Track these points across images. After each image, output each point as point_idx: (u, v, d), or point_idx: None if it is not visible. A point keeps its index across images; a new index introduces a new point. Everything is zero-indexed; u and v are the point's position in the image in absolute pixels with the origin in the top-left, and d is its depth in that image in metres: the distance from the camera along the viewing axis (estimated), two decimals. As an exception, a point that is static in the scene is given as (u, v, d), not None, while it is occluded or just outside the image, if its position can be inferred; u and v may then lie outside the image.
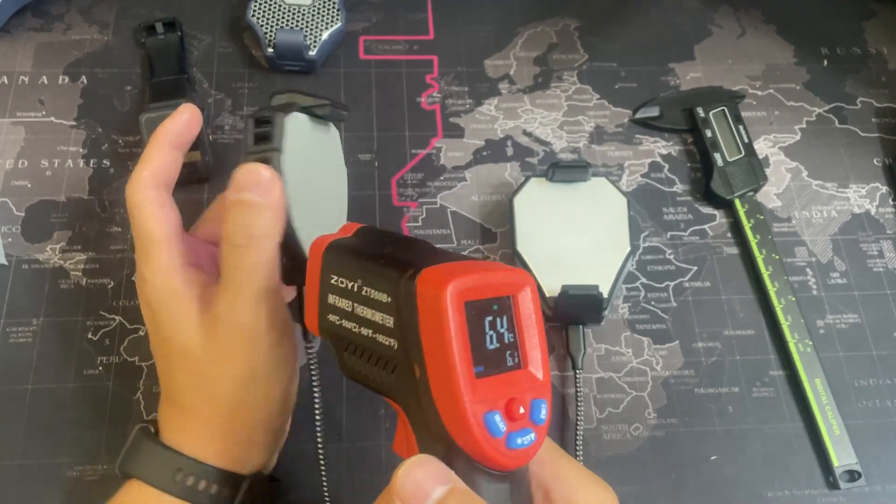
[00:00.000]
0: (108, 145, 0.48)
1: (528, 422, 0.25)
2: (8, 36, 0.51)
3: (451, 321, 0.23)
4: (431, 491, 0.24)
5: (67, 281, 0.44)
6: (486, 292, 0.25)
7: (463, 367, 0.24)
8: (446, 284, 0.24)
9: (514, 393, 0.25)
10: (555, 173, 0.45)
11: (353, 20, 0.54)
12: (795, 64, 0.55)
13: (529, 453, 0.25)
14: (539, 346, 0.26)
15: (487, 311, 0.25)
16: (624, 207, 0.45)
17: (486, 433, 0.24)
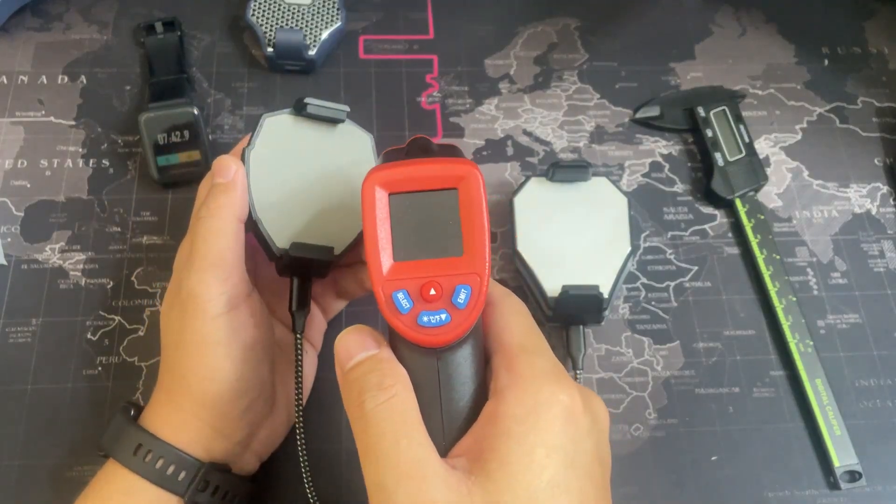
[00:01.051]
0: (108, 145, 0.48)
1: (446, 303, 0.27)
2: (7, 35, 0.51)
3: (367, 210, 0.27)
4: (356, 354, 0.28)
5: (67, 281, 0.44)
6: (422, 185, 0.27)
7: (376, 251, 0.27)
8: (370, 176, 0.27)
9: (433, 276, 0.27)
10: (555, 173, 0.45)
11: (353, 19, 0.54)
12: (796, 63, 0.55)
13: (440, 332, 0.27)
14: (478, 235, 0.27)
15: (423, 203, 0.27)
16: (624, 207, 0.45)
17: (393, 309, 0.27)
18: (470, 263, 0.27)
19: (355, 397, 0.26)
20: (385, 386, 0.26)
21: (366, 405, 0.26)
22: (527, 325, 0.29)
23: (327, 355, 0.42)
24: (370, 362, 0.27)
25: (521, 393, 0.26)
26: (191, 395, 0.33)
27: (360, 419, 0.26)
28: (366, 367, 0.27)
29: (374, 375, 0.27)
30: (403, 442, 0.25)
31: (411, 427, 0.26)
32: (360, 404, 0.26)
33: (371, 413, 0.26)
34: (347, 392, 0.27)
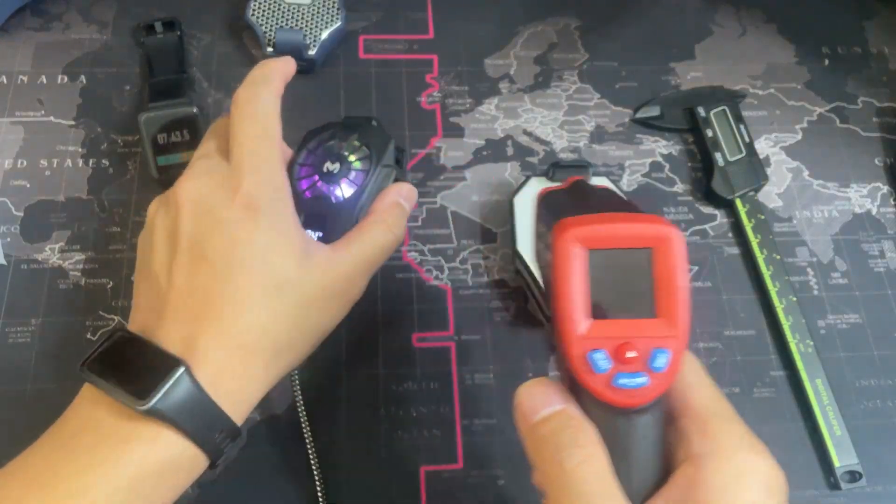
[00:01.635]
0: (108, 145, 0.48)
1: (643, 366, 0.26)
2: (7, 35, 0.51)
3: (569, 262, 0.27)
4: (540, 409, 0.27)
5: (66, 281, 0.44)
6: (620, 243, 0.27)
7: (574, 307, 0.27)
8: (568, 231, 0.27)
9: (631, 338, 0.27)
10: (555, 173, 0.45)
11: (353, 19, 0.54)
12: (796, 63, 0.55)
13: (637, 395, 0.26)
14: (674, 299, 0.27)
15: (618, 261, 0.27)
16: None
17: (588, 367, 0.26)
18: (667, 327, 0.27)
19: (551, 455, 0.26)
20: (581, 443, 0.26)
21: (565, 464, 0.26)
22: (713, 387, 0.29)
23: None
24: (561, 418, 0.27)
25: (722, 462, 0.26)
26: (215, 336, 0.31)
27: (560, 478, 0.26)
28: (556, 423, 0.27)
29: (568, 433, 0.26)
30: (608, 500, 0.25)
31: (612, 488, 0.25)
32: (559, 463, 0.26)
33: (572, 473, 0.25)
34: (540, 448, 0.27)
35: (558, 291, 0.27)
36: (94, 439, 0.30)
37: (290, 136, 0.49)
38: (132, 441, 0.29)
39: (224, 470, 0.40)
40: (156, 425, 0.29)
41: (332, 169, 0.43)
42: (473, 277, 0.46)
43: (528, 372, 0.44)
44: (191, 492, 0.39)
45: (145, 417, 0.29)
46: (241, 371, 0.31)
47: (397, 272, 0.46)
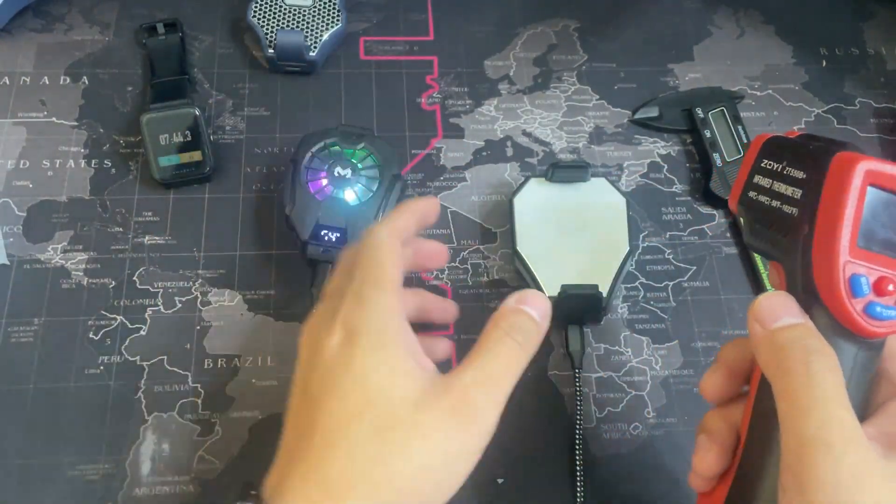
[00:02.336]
0: (110, 146, 0.48)
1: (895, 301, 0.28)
2: (9, 36, 0.51)
3: (850, 191, 0.28)
4: (782, 317, 0.28)
5: (69, 281, 0.44)
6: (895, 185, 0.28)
7: (846, 231, 0.28)
8: (858, 162, 0.28)
9: (890, 273, 0.28)
10: (554, 173, 0.45)
11: (354, 21, 0.54)
12: (794, 64, 0.55)
13: (886, 326, 0.28)
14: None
15: (891, 202, 0.28)
16: (623, 208, 0.45)
17: (848, 289, 0.27)
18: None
19: (800, 356, 0.27)
20: (826, 353, 0.27)
21: (813, 367, 0.27)
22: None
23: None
24: (805, 329, 0.28)
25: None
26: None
27: (804, 378, 0.27)
28: (805, 331, 0.28)
29: (817, 342, 0.28)
30: (846, 413, 0.26)
31: (846, 399, 0.27)
32: (806, 364, 0.27)
33: (818, 375, 0.27)
34: (780, 350, 0.28)
35: (833, 214, 0.28)
36: None
37: (292, 136, 0.50)
38: None
39: (225, 468, 0.40)
40: None
41: (343, 174, 0.44)
42: (473, 277, 0.46)
43: (528, 371, 0.44)
44: (192, 490, 0.40)
45: None
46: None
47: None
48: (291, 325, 0.44)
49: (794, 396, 0.27)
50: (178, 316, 0.44)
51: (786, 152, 0.32)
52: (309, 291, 0.43)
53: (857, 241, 0.28)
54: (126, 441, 0.40)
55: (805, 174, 0.30)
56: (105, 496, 0.39)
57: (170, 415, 0.41)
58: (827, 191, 0.29)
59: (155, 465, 0.40)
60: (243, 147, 0.49)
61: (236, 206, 0.47)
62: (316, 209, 0.43)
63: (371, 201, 0.44)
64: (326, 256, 0.43)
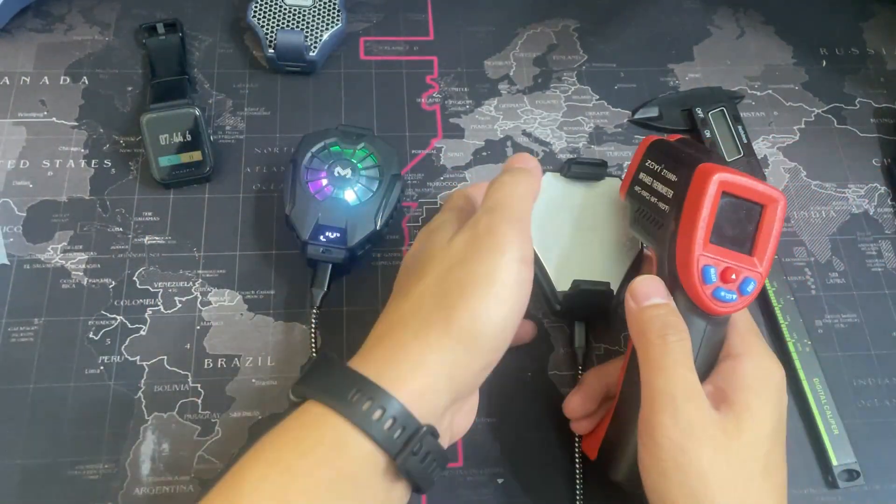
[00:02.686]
0: (110, 146, 0.48)
1: (736, 288, 0.35)
2: (9, 36, 0.51)
3: (706, 196, 0.35)
4: (653, 296, 0.35)
5: (69, 281, 0.44)
6: (743, 193, 0.35)
7: (701, 229, 0.35)
8: (715, 173, 0.35)
9: (733, 265, 0.35)
10: (571, 168, 0.45)
11: (354, 21, 0.54)
12: (794, 64, 0.55)
13: (727, 307, 0.35)
14: (769, 246, 0.36)
15: (738, 207, 0.36)
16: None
17: (700, 277, 0.35)
18: (758, 263, 0.35)
19: (658, 329, 0.34)
20: (680, 329, 0.34)
21: (668, 338, 0.34)
22: (748, 313, 0.38)
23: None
24: (668, 308, 0.35)
25: (756, 360, 0.35)
26: (445, 332, 0.31)
27: (660, 346, 0.34)
28: (665, 310, 0.35)
29: (673, 319, 0.34)
30: (689, 374, 0.33)
31: (691, 363, 0.34)
32: (663, 336, 0.34)
33: (672, 345, 0.33)
34: (647, 323, 0.34)
35: (693, 215, 0.35)
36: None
37: (292, 136, 0.50)
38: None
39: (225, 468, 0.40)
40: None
41: (343, 174, 0.44)
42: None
43: (528, 371, 0.44)
44: (192, 490, 0.40)
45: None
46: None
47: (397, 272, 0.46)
48: (291, 325, 0.44)
49: (651, 359, 0.34)
50: (178, 316, 0.44)
51: (665, 156, 0.38)
52: (309, 291, 0.43)
53: (710, 238, 0.35)
54: (126, 441, 0.40)
55: (676, 178, 0.37)
56: (105, 496, 0.39)
57: (170, 415, 0.41)
58: (690, 195, 0.35)
59: (155, 465, 0.40)
60: (243, 147, 0.49)
61: (236, 206, 0.47)
62: (316, 209, 0.43)
63: (371, 201, 0.44)
64: (326, 256, 0.43)
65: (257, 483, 0.28)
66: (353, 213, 0.44)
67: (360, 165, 0.45)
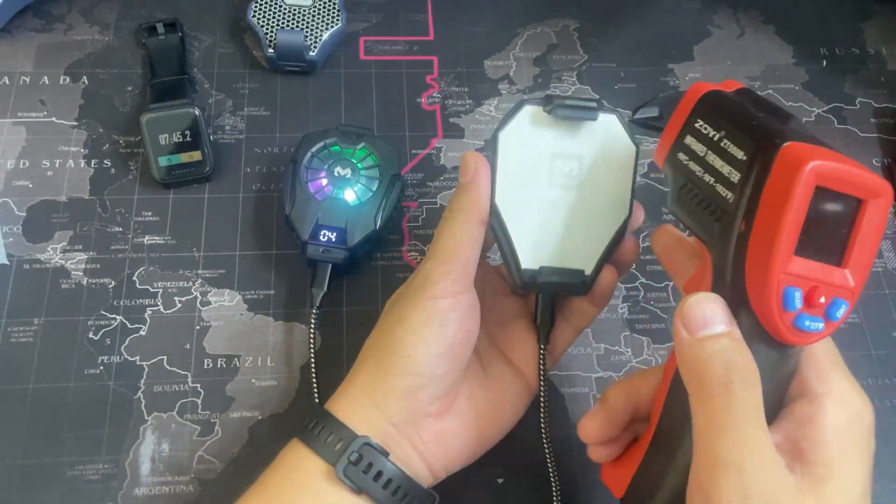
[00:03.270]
0: (110, 146, 0.48)
1: (823, 312, 0.27)
2: (9, 36, 0.51)
3: (796, 196, 0.25)
4: (713, 324, 0.27)
5: (68, 281, 0.44)
6: (842, 186, 0.26)
7: (786, 239, 0.26)
8: (809, 161, 0.25)
9: (821, 282, 0.27)
10: (556, 109, 0.35)
11: (354, 21, 0.54)
12: (794, 64, 0.55)
13: (810, 338, 0.27)
14: (866, 255, 0.27)
15: (833, 203, 0.26)
16: (631, 159, 0.36)
17: (780, 303, 0.26)
18: (852, 279, 0.27)
19: (720, 373, 0.27)
20: (751, 371, 0.27)
21: (734, 387, 0.26)
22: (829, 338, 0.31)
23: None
24: (732, 340, 0.27)
25: (840, 403, 0.29)
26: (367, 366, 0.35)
27: (723, 398, 0.26)
28: (728, 343, 0.27)
29: (741, 359, 0.27)
30: (761, 432, 0.26)
31: (762, 419, 0.27)
32: (727, 383, 0.26)
33: (739, 398, 0.26)
34: (704, 363, 0.27)
35: (775, 218, 0.26)
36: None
37: (292, 136, 0.50)
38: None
39: (225, 468, 0.40)
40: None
41: (343, 174, 0.44)
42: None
43: (528, 371, 0.44)
44: (192, 490, 0.40)
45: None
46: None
47: (397, 272, 0.46)
48: (291, 325, 0.44)
49: (711, 414, 0.27)
50: (177, 316, 0.44)
51: (725, 119, 0.29)
52: (309, 291, 0.43)
53: (795, 249, 0.26)
54: (126, 441, 0.40)
55: (746, 156, 0.27)
56: (105, 496, 0.39)
57: (169, 415, 0.41)
58: (770, 189, 0.26)
59: (155, 466, 0.40)
60: (243, 147, 0.49)
61: (236, 206, 0.47)
62: (316, 209, 0.43)
63: (371, 201, 0.44)
64: (326, 256, 0.43)
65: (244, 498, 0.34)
66: (353, 213, 0.44)
67: (360, 165, 0.45)
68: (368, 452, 0.33)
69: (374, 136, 0.46)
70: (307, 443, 0.34)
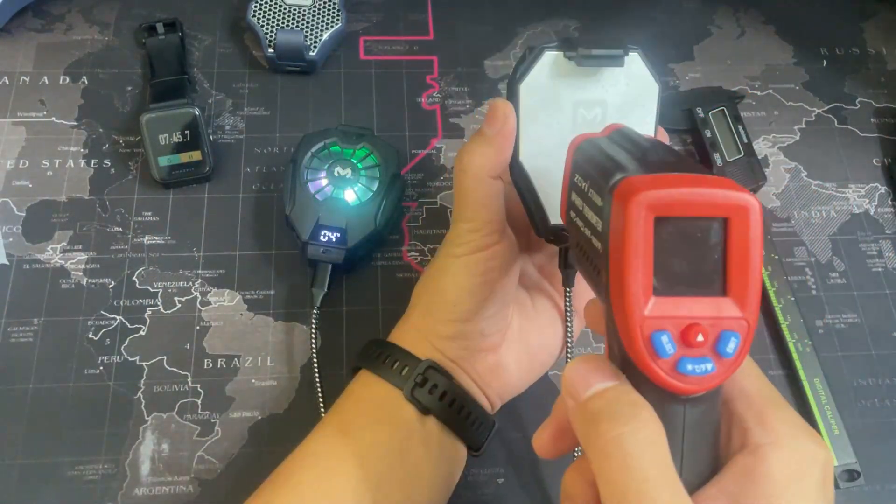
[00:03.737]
0: (109, 145, 0.48)
1: (710, 351, 0.24)
2: (9, 36, 0.51)
3: (630, 232, 0.23)
4: (593, 384, 0.25)
5: (68, 281, 0.44)
6: (692, 210, 0.23)
7: (634, 281, 0.23)
8: (636, 195, 0.23)
9: (698, 318, 0.24)
10: (580, 59, 0.32)
11: (354, 20, 0.54)
12: (794, 64, 0.55)
13: (703, 382, 0.24)
14: (746, 277, 0.24)
15: (689, 230, 0.23)
16: (654, 97, 0.34)
17: (651, 351, 0.23)
18: (739, 307, 0.24)
19: (606, 431, 0.23)
20: (644, 419, 0.23)
21: (625, 442, 0.23)
22: (760, 372, 0.28)
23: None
24: (617, 392, 0.24)
25: (782, 453, 0.25)
26: (418, 309, 0.38)
27: (617, 457, 0.23)
28: (613, 396, 0.24)
29: (628, 408, 0.24)
30: (668, 493, 0.23)
31: (672, 474, 0.23)
32: (617, 440, 0.23)
33: (634, 453, 0.23)
34: (591, 423, 0.24)
35: (620, 264, 0.23)
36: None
37: (292, 135, 0.50)
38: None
39: (225, 468, 0.40)
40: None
41: (343, 174, 0.44)
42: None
43: (528, 371, 0.44)
44: (191, 490, 0.40)
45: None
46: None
47: (397, 272, 0.46)
48: (291, 325, 0.44)
49: (609, 481, 0.23)
50: (177, 316, 0.44)
51: (590, 166, 0.27)
52: (309, 291, 0.43)
53: (655, 288, 0.23)
54: (125, 441, 0.40)
55: (602, 201, 0.25)
56: (104, 496, 0.39)
57: (169, 415, 0.41)
58: (613, 229, 0.24)
59: (154, 466, 0.40)
60: (243, 147, 0.49)
61: (236, 206, 0.47)
62: (316, 209, 0.43)
63: (371, 201, 0.44)
64: (326, 256, 0.43)
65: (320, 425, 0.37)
66: (353, 213, 0.44)
67: (360, 165, 0.45)
68: (433, 375, 0.36)
69: (375, 135, 0.46)
70: (375, 371, 0.36)
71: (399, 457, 0.35)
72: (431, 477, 0.36)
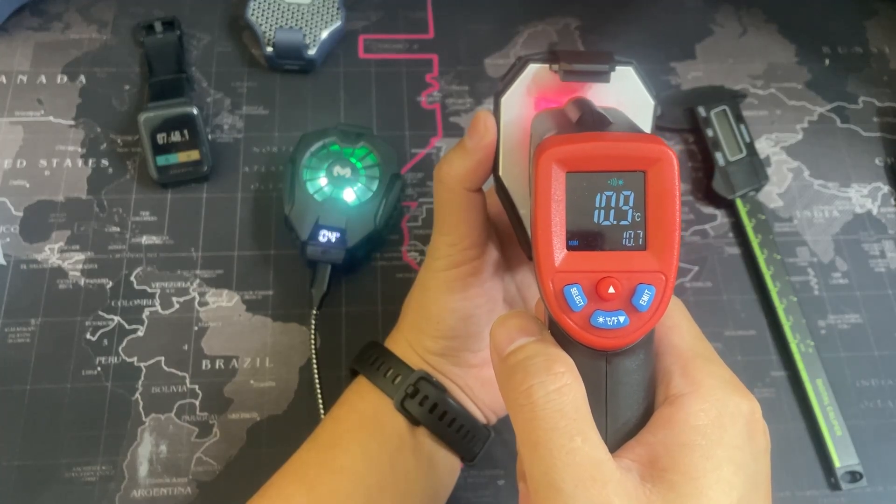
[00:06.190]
0: (107, 145, 0.48)
1: (624, 304, 0.24)
2: (6, 35, 0.51)
3: (541, 187, 0.23)
4: (517, 338, 0.25)
5: (66, 281, 0.44)
6: (606, 164, 0.23)
7: (546, 236, 0.24)
8: (546, 150, 0.23)
9: (612, 272, 0.24)
10: (563, 75, 0.29)
11: (353, 19, 0.54)
12: (797, 63, 0.55)
13: (616, 335, 0.24)
14: (666, 230, 0.24)
15: (604, 185, 0.24)
16: (649, 113, 0.31)
17: (563, 304, 0.24)
18: (656, 260, 0.24)
19: (519, 383, 0.24)
20: (555, 372, 0.23)
21: (534, 393, 0.23)
22: (695, 328, 0.27)
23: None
24: (535, 346, 0.25)
25: (702, 402, 0.24)
26: (407, 320, 0.37)
27: (527, 408, 0.23)
28: (530, 350, 0.24)
29: (542, 360, 0.24)
30: (578, 440, 0.23)
31: (585, 424, 0.23)
32: (527, 391, 0.23)
33: (541, 403, 0.23)
34: (508, 377, 0.24)
35: (534, 219, 0.24)
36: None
37: (291, 135, 0.50)
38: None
39: (223, 470, 0.40)
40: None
41: (342, 174, 0.44)
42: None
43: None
44: (189, 492, 0.39)
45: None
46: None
47: (397, 272, 0.46)
48: (290, 325, 0.44)
49: (521, 432, 0.23)
50: (175, 316, 0.43)
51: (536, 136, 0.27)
52: (308, 291, 0.43)
53: (571, 244, 0.24)
54: (123, 442, 0.40)
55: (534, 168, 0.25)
56: (102, 498, 0.39)
57: (167, 416, 0.41)
58: (532, 189, 0.24)
59: (152, 467, 0.40)
60: (241, 146, 0.49)
61: (234, 205, 0.47)
62: (315, 209, 0.43)
63: (371, 201, 0.44)
64: (326, 256, 0.42)
65: (312, 436, 0.37)
66: (353, 213, 0.43)
67: (360, 165, 0.45)
68: (424, 387, 0.35)
69: (374, 135, 0.46)
70: (368, 377, 0.36)
71: (390, 468, 0.34)
72: (424, 488, 0.36)
